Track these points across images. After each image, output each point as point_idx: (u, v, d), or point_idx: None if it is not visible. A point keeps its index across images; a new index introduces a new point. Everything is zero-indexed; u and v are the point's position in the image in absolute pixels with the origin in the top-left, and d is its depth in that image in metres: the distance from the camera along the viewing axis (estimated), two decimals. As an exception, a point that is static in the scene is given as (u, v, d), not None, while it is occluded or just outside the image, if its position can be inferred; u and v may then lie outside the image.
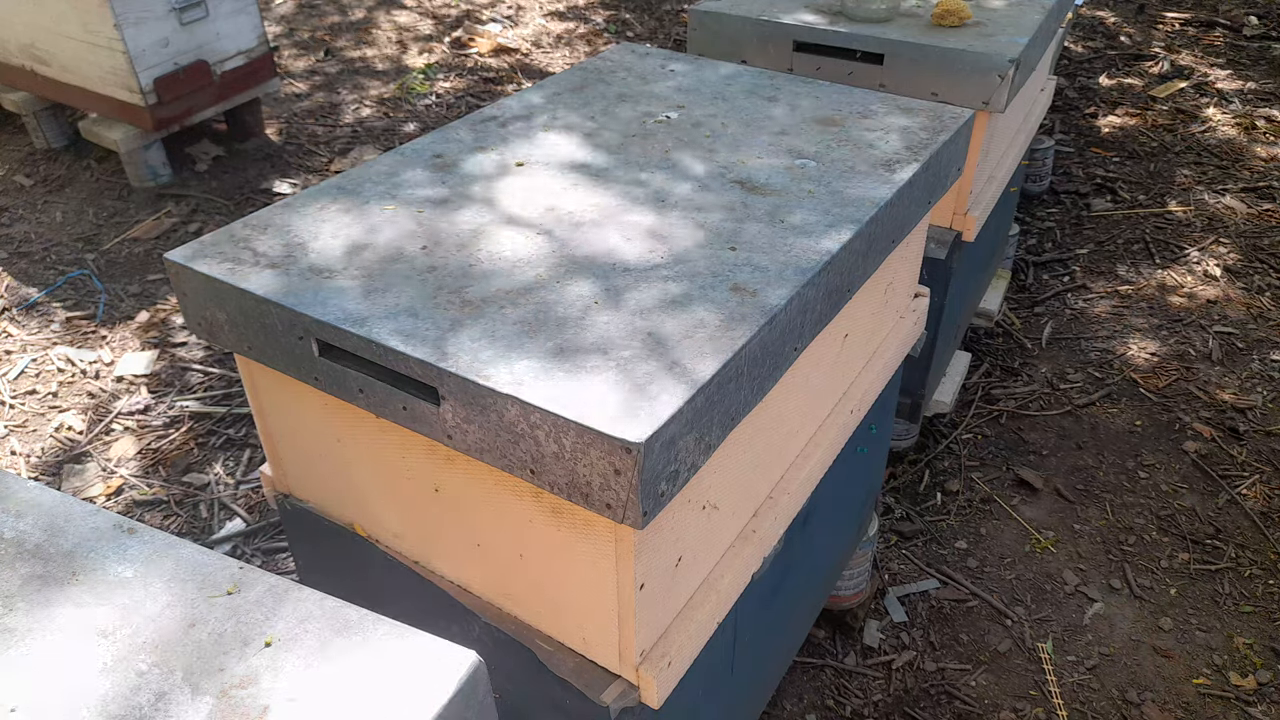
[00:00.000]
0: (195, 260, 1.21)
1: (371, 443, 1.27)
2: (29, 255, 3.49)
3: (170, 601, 0.83)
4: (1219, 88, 4.93)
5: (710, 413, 1.03)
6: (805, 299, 1.19)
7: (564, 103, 1.68)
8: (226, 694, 0.75)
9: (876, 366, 1.73)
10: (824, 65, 2.16)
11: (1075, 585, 2.40)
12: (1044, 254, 3.72)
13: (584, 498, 1.00)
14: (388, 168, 1.45)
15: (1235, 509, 2.61)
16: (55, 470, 2.63)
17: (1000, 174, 2.48)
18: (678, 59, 1.87)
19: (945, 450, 2.81)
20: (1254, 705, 2.12)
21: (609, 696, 1.19)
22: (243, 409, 2.84)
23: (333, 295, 1.14)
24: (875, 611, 2.34)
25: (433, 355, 1.04)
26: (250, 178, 3.98)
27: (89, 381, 2.93)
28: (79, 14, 3.45)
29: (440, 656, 0.77)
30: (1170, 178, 4.19)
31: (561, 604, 1.21)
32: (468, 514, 1.23)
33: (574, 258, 1.22)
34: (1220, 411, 2.92)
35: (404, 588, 1.40)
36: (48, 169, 3.98)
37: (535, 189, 1.39)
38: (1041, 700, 2.14)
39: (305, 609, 0.82)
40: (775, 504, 1.44)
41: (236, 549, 2.44)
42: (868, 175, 1.42)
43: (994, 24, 2.15)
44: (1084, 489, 2.68)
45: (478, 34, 5.27)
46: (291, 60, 4.89)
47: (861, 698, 2.14)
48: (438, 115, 4.54)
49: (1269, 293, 3.45)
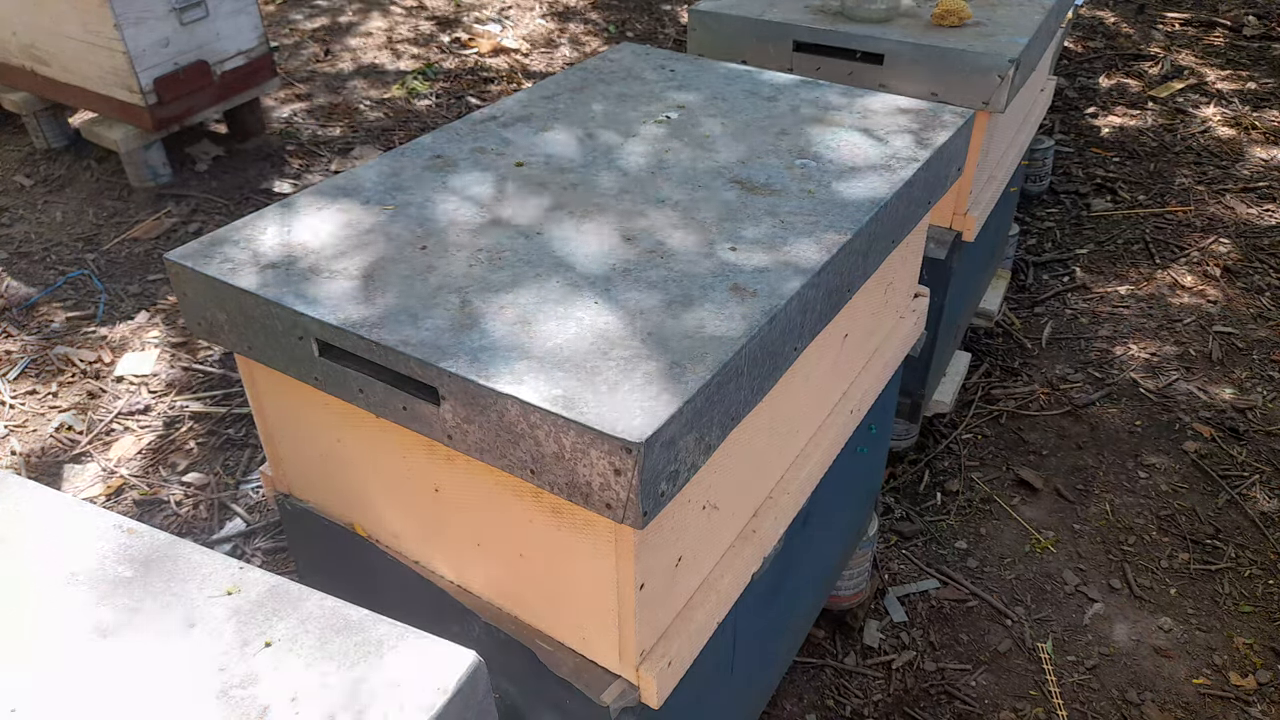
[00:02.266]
0: (195, 260, 1.21)
1: (371, 443, 1.27)
2: (29, 255, 3.49)
3: (170, 601, 0.83)
4: (1219, 88, 4.93)
5: (710, 413, 1.03)
6: (805, 299, 1.19)
7: (564, 103, 1.68)
8: (226, 694, 0.75)
9: (876, 366, 1.73)
10: (824, 65, 2.16)
11: (1075, 585, 2.40)
12: (1044, 254, 3.72)
13: (584, 498, 1.00)
14: (388, 168, 1.45)
15: (1235, 509, 2.61)
16: (55, 470, 2.63)
17: (1000, 174, 2.48)
18: (678, 59, 1.87)
19: (945, 450, 2.81)
20: (1254, 705, 2.12)
21: (609, 696, 1.19)
22: (243, 409, 2.84)
23: (333, 295, 1.14)
24: (875, 611, 2.34)
25: (433, 355, 1.04)
26: (250, 178, 3.98)
27: (89, 381, 2.93)
28: (79, 14, 3.45)
29: (440, 656, 0.77)
30: (1170, 178, 4.19)
31: (561, 604, 1.21)
32: (468, 514, 1.23)
33: (574, 258, 1.22)
34: (1220, 411, 2.92)
35: (404, 588, 1.40)
36: (48, 169, 3.98)
37: (535, 189, 1.39)
38: (1041, 700, 2.14)
39: (305, 609, 0.82)
40: (775, 504, 1.44)
41: (236, 549, 2.44)
42: (868, 175, 1.42)
43: (994, 24, 2.15)
44: (1084, 489, 2.68)
45: (477, 34, 5.27)
46: (292, 60, 4.89)
47: (861, 698, 2.14)
48: (438, 115, 4.54)
49: (1269, 293, 3.45)
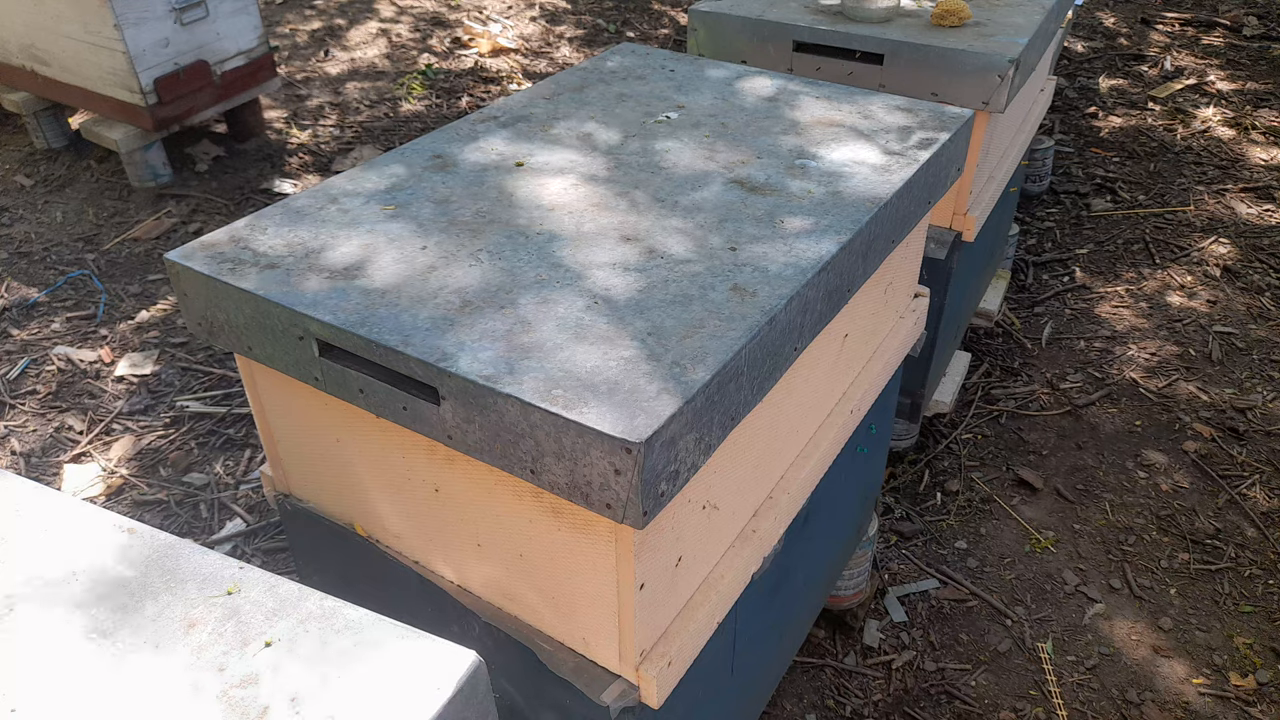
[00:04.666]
0: (195, 260, 1.21)
1: (371, 443, 1.27)
2: (29, 255, 3.49)
3: (170, 601, 0.83)
4: (1219, 88, 4.93)
5: (710, 413, 1.03)
6: (805, 299, 1.19)
7: (564, 103, 1.68)
8: (226, 694, 0.75)
9: (876, 366, 1.73)
10: (824, 65, 2.16)
11: (1075, 585, 2.40)
12: (1044, 254, 3.72)
13: (584, 498, 1.00)
14: (388, 168, 1.45)
15: (1235, 509, 2.61)
16: (55, 470, 2.63)
17: (1000, 174, 2.48)
18: (678, 59, 1.87)
19: (945, 450, 2.81)
20: (1254, 705, 2.12)
21: (609, 696, 1.19)
22: (243, 409, 2.84)
23: (333, 295, 1.14)
24: (875, 611, 2.34)
25: (433, 355, 1.04)
26: (250, 178, 3.98)
27: (89, 381, 2.93)
28: (79, 14, 3.45)
29: (440, 656, 0.77)
30: (1170, 178, 4.19)
31: (561, 604, 1.21)
32: (468, 514, 1.23)
33: (574, 257, 1.22)
34: (1220, 411, 2.92)
35: (404, 587, 1.40)
36: (48, 169, 3.98)
37: (535, 189, 1.39)
38: (1041, 700, 2.14)
39: (305, 609, 0.82)
40: (775, 504, 1.44)
41: (236, 549, 2.44)
42: (867, 175, 1.42)
43: (994, 24, 2.15)
44: (1084, 489, 2.68)
45: (477, 34, 5.27)
46: (292, 60, 4.89)
47: (861, 698, 2.14)
48: (438, 115, 4.54)
49: (1269, 293, 3.45)
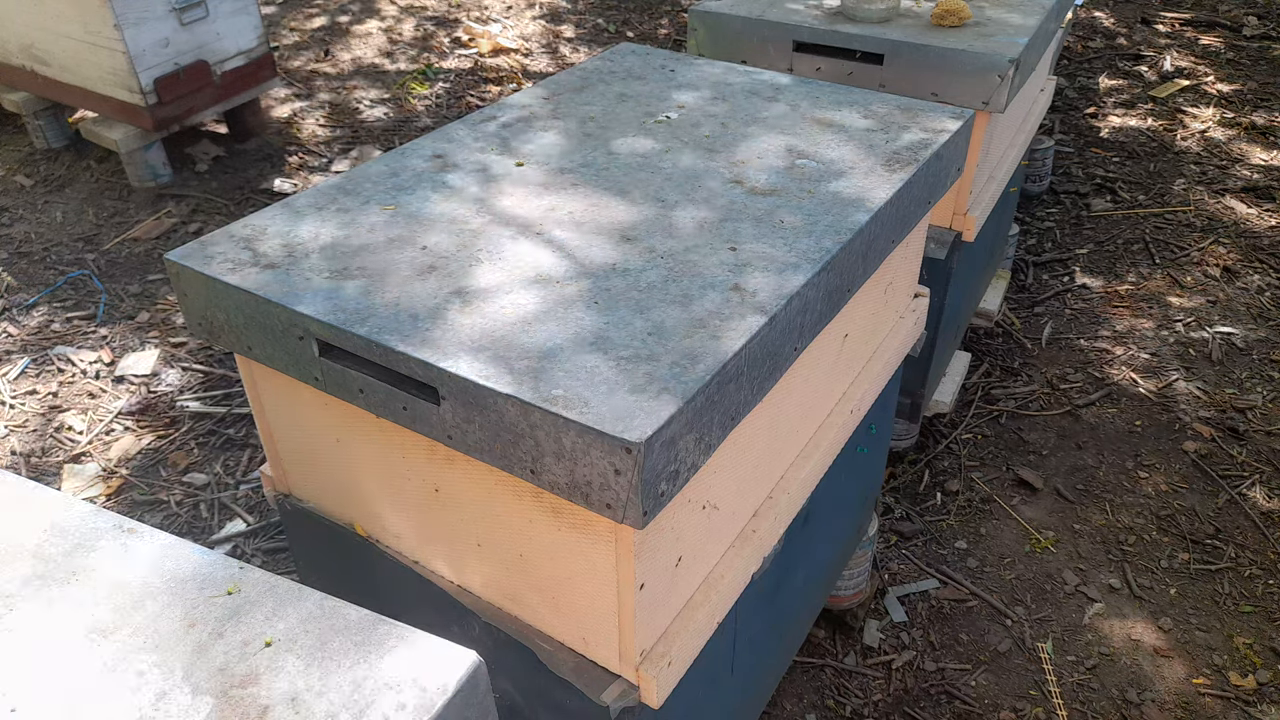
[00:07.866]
0: (195, 260, 1.21)
1: (371, 443, 1.27)
2: (29, 255, 3.49)
3: (170, 601, 0.83)
4: (1219, 88, 4.93)
5: (710, 413, 1.03)
6: (805, 299, 1.19)
7: (564, 103, 1.68)
8: (226, 694, 0.75)
9: (876, 366, 1.73)
10: (824, 65, 2.16)
11: (1075, 585, 2.40)
12: (1044, 254, 3.72)
13: (584, 498, 1.00)
14: (388, 168, 1.45)
15: (1235, 509, 2.61)
16: (55, 470, 2.63)
17: (1000, 174, 2.48)
18: (678, 59, 1.87)
19: (945, 450, 2.81)
20: (1254, 705, 2.12)
21: (609, 696, 1.19)
22: (243, 409, 2.84)
23: (333, 295, 1.14)
24: (875, 611, 2.34)
25: (433, 355, 1.04)
26: (250, 178, 3.98)
27: (89, 381, 2.93)
28: (79, 14, 3.45)
29: (440, 656, 0.77)
30: (1170, 178, 4.19)
31: (561, 604, 1.21)
32: (468, 514, 1.23)
33: (574, 257, 1.22)
34: (1220, 411, 2.92)
35: (404, 588, 1.40)
36: (48, 169, 3.98)
37: (535, 189, 1.39)
38: (1041, 700, 2.14)
39: (305, 609, 0.82)
40: (775, 504, 1.44)
41: (236, 549, 2.44)
42: (867, 175, 1.42)
43: (994, 24, 2.15)
44: (1084, 489, 2.68)
45: (478, 34, 5.27)
46: (292, 60, 4.89)
47: (861, 697, 2.14)
48: (438, 115, 4.54)
49: (1269, 293, 3.45)
